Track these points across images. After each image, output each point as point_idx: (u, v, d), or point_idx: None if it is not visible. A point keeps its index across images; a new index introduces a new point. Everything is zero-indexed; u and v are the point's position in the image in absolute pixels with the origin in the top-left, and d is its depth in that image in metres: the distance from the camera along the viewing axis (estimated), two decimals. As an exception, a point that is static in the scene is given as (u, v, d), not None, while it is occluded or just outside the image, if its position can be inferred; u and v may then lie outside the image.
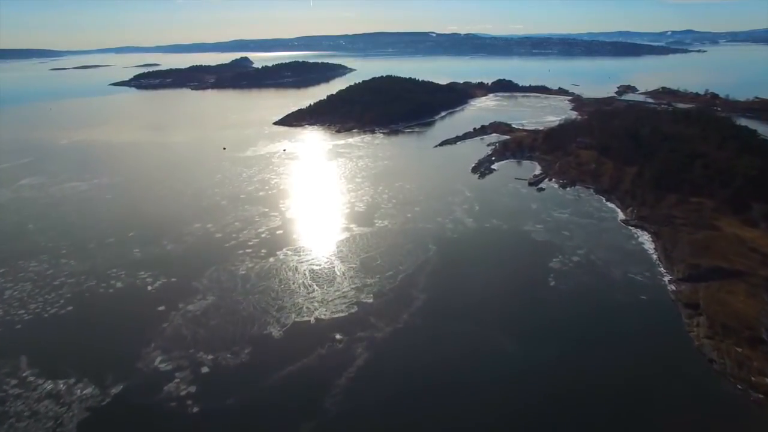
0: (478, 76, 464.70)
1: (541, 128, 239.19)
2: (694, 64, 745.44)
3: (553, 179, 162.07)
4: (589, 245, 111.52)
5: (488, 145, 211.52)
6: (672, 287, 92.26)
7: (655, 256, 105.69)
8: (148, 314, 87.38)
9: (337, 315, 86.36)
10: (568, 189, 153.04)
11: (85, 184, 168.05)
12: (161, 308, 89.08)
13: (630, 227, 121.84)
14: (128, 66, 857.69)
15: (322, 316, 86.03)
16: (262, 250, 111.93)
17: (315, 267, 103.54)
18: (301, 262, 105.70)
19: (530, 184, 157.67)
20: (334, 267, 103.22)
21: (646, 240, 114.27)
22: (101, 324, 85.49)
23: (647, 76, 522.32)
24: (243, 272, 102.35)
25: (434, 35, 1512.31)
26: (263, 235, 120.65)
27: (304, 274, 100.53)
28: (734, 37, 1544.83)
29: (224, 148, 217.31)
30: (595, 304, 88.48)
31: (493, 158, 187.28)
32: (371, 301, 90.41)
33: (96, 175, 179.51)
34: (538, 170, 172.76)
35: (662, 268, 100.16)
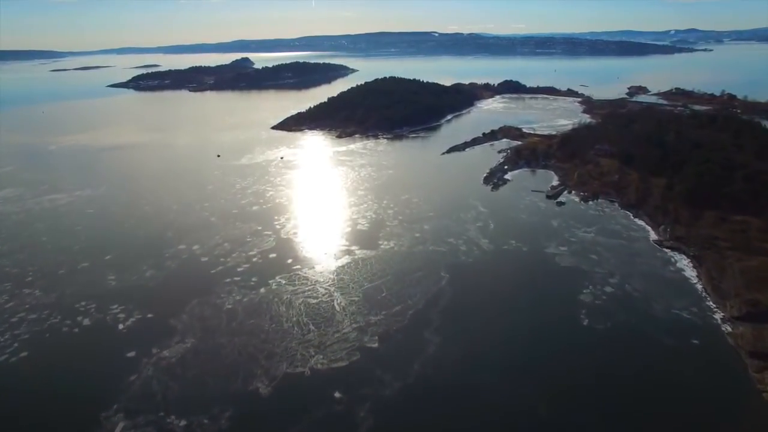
0: (482, 77, 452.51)
1: (554, 133, 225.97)
2: (701, 64, 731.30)
3: (573, 191, 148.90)
4: (621, 272, 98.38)
5: (499, 151, 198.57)
6: (727, 328, 79.06)
7: (699, 287, 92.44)
8: (114, 362, 74.58)
9: (336, 364, 73.42)
10: (590, 203, 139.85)
11: (65, 197, 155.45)
12: (131, 354, 76.28)
13: (665, 249, 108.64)
14: (129, 67, 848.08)
15: (319, 366, 73.09)
16: (253, 279, 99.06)
17: (311, 300, 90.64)
18: (296, 294, 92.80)
19: (548, 197, 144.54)
20: (333, 300, 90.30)
21: (685, 265, 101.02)
22: (58, 376, 72.71)
23: (655, 75, 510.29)
24: (229, 306, 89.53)
25: (436, 35, 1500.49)
26: (254, 260, 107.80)
27: (299, 310, 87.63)
28: (739, 36, 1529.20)
29: (218, 156, 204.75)
30: (639, 350, 75.25)
31: (506, 167, 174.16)
32: (376, 345, 77.49)
33: (79, 185, 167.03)
34: (555, 181, 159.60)
35: (711, 303, 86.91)
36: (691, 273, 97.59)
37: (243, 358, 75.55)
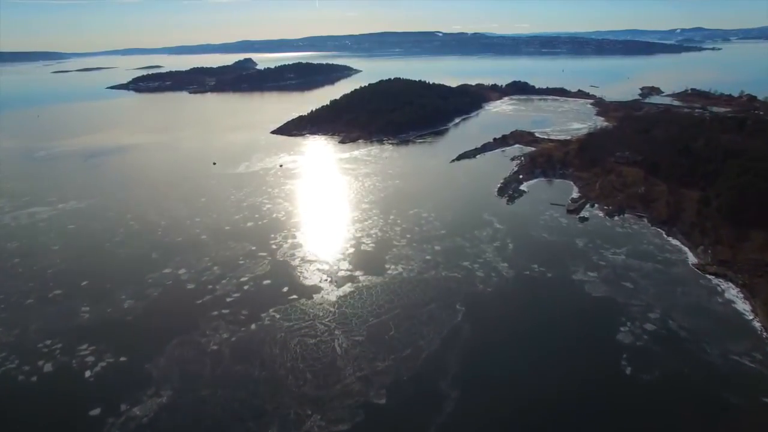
0: (488, 77, 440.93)
1: (569, 137, 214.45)
2: (711, 63, 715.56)
3: (596, 205, 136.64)
4: (662, 305, 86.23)
5: (512, 159, 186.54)
6: (802, 382, 66.82)
7: (757, 325, 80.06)
8: (74, 423, 63.33)
9: (336, 428, 61.65)
10: (615, 218, 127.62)
11: (47, 210, 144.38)
12: (95, 412, 64.82)
13: (708, 276, 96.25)
14: (131, 68, 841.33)
15: (316, 430, 61.33)
16: (243, 311, 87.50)
17: (309, 340, 78.88)
18: (292, 332, 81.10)
19: (569, 211, 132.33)
20: (333, 341, 78.54)
21: (735, 296, 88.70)
22: (5, 443, 61.43)
23: (666, 75, 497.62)
24: (214, 347, 77.94)
25: (441, 35, 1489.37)
26: (246, 287, 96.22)
27: (295, 353, 75.93)
28: (746, 35, 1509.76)
29: (214, 163, 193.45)
30: (701, 414, 62.95)
31: (521, 176, 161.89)
32: (384, 401, 65.66)
33: (64, 196, 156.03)
34: (575, 193, 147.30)
35: (774, 346, 74.67)
36: (743, 306, 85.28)
37: (226, 417, 63.94)
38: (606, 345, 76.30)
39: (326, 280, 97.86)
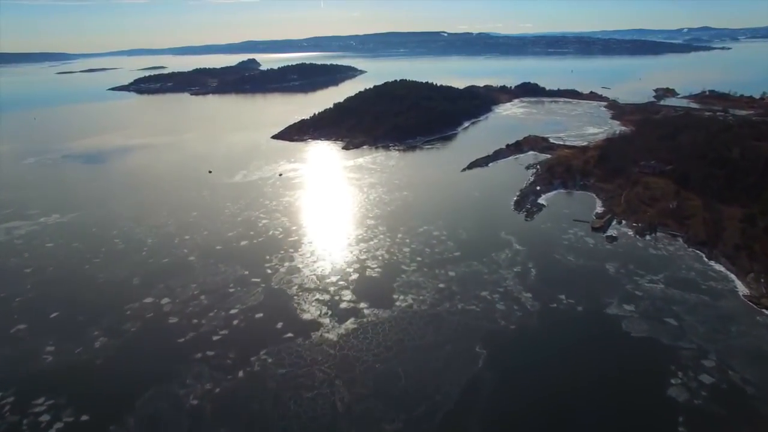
0: (495, 77, 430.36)
1: (586, 144, 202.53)
2: (723, 62, 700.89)
3: (623, 221, 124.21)
4: (717, 348, 74.00)
5: (527, 167, 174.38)
6: None
7: (835, 377, 67.82)
8: None
9: None
10: (647, 237, 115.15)
11: (27, 225, 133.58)
12: (44, 494, 53.43)
13: (765, 311, 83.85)
14: (135, 69, 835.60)
15: None
16: (230, 354, 75.90)
17: (305, 393, 67.10)
18: (285, 382, 69.38)
19: (594, 229, 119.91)
20: (334, 393, 66.75)
21: (800, 338, 76.40)
22: None
23: (677, 75, 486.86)
24: (194, 402, 66.31)
25: (446, 35, 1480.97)
26: (235, 322, 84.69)
27: (287, 410, 64.21)
28: (754, 34, 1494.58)
29: (210, 172, 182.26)
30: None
31: (538, 188, 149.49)
32: (394, 483, 53.94)
33: (47, 208, 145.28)
34: (598, 207, 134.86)
35: None
36: (814, 352, 72.98)
37: (202, 502, 52.38)
38: (657, 404, 64.11)
39: (326, 313, 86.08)
